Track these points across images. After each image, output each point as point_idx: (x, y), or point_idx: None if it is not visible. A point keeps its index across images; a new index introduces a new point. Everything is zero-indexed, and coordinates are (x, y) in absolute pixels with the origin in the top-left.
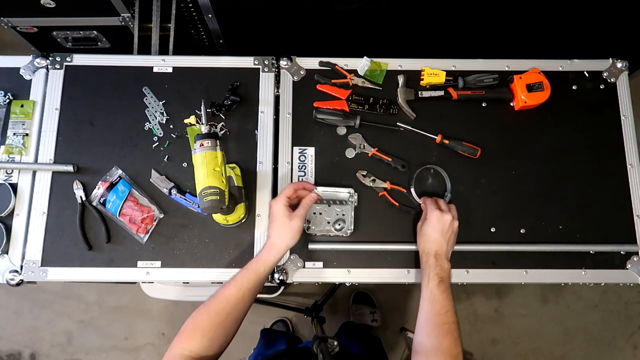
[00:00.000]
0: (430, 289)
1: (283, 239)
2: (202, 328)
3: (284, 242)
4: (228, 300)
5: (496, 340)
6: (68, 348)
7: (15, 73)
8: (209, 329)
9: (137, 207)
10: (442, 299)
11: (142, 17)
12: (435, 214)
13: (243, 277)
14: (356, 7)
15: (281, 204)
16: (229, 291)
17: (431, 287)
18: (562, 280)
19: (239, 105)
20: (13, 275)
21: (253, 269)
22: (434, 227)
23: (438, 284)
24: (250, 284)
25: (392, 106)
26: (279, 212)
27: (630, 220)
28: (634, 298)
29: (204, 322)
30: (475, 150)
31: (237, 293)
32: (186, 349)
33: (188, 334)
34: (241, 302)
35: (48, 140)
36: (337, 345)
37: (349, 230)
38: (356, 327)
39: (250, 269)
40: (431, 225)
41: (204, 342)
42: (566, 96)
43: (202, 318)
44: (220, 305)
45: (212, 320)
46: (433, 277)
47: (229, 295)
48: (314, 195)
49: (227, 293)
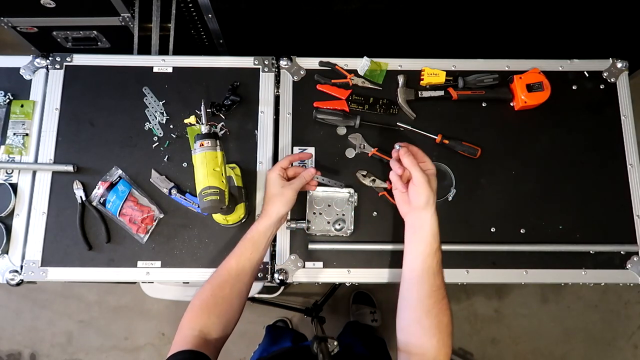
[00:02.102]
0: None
1: (273, 205)
2: (208, 304)
3: (274, 208)
4: (229, 272)
5: (496, 340)
6: (68, 348)
7: (15, 73)
8: (214, 304)
9: (137, 207)
10: (441, 270)
11: (142, 17)
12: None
13: (240, 247)
14: (356, 7)
15: (275, 173)
16: (229, 264)
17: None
18: (562, 280)
19: (239, 105)
20: (13, 275)
21: (249, 238)
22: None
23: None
24: (248, 253)
25: (392, 106)
26: (272, 181)
27: (630, 220)
28: (634, 298)
29: (209, 299)
30: (475, 150)
31: (236, 264)
32: (195, 328)
33: (195, 313)
34: (242, 273)
35: (48, 140)
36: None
37: (349, 230)
38: (361, 327)
39: (246, 239)
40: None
41: (211, 318)
42: (566, 96)
43: (206, 294)
44: (222, 278)
45: (216, 295)
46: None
47: (230, 268)
48: (312, 170)
49: (227, 266)
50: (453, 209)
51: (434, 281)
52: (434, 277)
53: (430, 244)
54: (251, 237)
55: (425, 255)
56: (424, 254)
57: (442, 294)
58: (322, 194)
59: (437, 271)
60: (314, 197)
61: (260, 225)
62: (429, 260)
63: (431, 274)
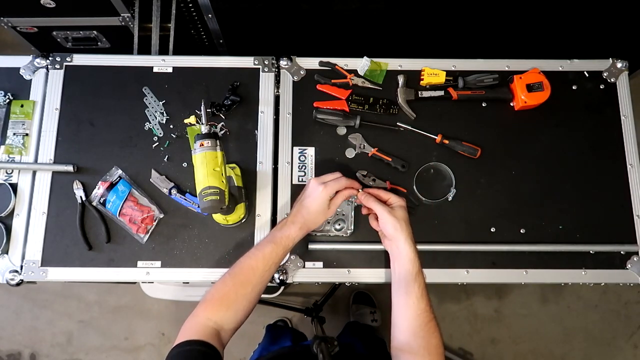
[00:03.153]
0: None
1: (315, 222)
2: (229, 299)
3: (314, 226)
4: (255, 272)
5: (496, 340)
6: (68, 348)
7: (15, 73)
8: (235, 300)
9: (137, 207)
10: (425, 293)
11: (142, 17)
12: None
13: (272, 251)
14: (356, 7)
15: (328, 194)
16: (256, 263)
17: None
18: (562, 280)
19: (239, 105)
20: (13, 275)
21: (283, 245)
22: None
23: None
24: (277, 258)
25: (392, 106)
26: (322, 198)
27: (630, 220)
28: (634, 298)
29: (230, 294)
30: (475, 150)
31: (264, 266)
32: (211, 319)
33: (214, 305)
34: (266, 274)
35: (48, 140)
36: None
37: (349, 230)
38: (361, 327)
39: (279, 244)
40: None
41: (229, 313)
42: (566, 96)
43: (229, 289)
44: (247, 277)
45: (238, 292)
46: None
47: (256, 268)
48: (354, 192)
49: (254, 265)
50: (453, 209)
51: (419, 305)
52: (418, 301)
53: (408, 270)
54: (285, 245)
55: (407, 280)
56: (406, 279)
57: (428, 316)
58: None
59: (421, 295)
60: None
61: (296, 236)
62: (411, 285)
63: (415, 298)
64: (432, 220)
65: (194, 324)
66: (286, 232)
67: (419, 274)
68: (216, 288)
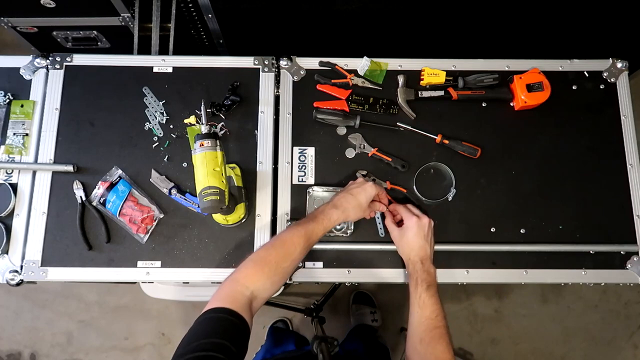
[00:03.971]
0: (419, 294)
1: (354, 213)
2: (270, 269)
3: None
4: (296, 248)
5: (496, 340)
6: (68, 348)
7: (15, 73)
8: (275, 271)
9: (137, 207)
10: (431, 303)
11: (142, 17)
12: (414, 221)
13: (314, 229)
14: (356, 7)
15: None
16: (298, 240)
17: (420, 292)
18: (562, 280)
19: (239, 105)
20: (13, 275)
21: (324, 225)
22: (416, 234)
23: (427, 288)
24: (316, 237)
25: (392, 106)
26: (368, 195)
27: (630, 220)
28: (634, 298)
29: (272, 264)
30: (475, 150)
31: (305, 243)
32: (249, 288)
33: (255, 270)
34: (304, 252)
35: (48, 140)
36: (337, 345)
37: (349, 230)
38: (364, 331)
39: (321, 224)
40: (413, 232)
41: (267, 283)
42: (566, 96)
43: (272, 258)
44: (288, 250)
45: (279, 264)
46: (421, 282)
47: (298, 244)
48: (383, 207)
49: (296, 241)
50: (453, 209)
51: (423, 312)
52: (421, 309)
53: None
54: (326, 226)
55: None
56: (411, 287)
57: (432, 324)
58: (323, 193)
59: (423, 303)
60: (314, 196)
61: (337, 219)
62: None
63: (417, 307)
64: (432, 220)
65: (231, 291)
66: (328, 214)
67: (422, 283)
68: (260, 255)
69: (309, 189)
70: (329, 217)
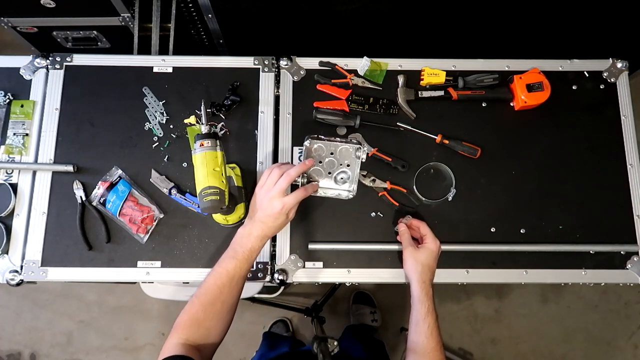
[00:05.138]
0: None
1: (276, 231)
2: (198, 320)
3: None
4: (222, 290)
5: (496, 340)
6: (68, 348)
7: (15, 73)
8: (204, 319)
9: (137, 207)
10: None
11: (142, 17)
12: (438, 244)
13: (236, 267)
14: (356, 7)
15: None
16: (221, 282)
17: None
18: (562, 280)
19: (239, 105)
20: (13, 275)
21: (246, 259)
22: (435, 257)
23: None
24: (243, 272)
25: (392, 106)
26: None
27: (630, 220)
28: (634, 298)
29: (199, 314)
30: (475, 150)
31: (229, 282)
32: (183, 338)
33: (184, 327)
34: (234, 289)
35: (48, 140)
36: (337, 345)
37: (352, 190)
38: (360, 330)
39: (242, 259)
40: (434, 255)
41: (201, 331)
42: (566, 96)
43: (197, 310)
44: (214, 295)
45: (207, 312)
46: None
47: (222, 285)
48: (315, 185)
49: (219, 283)
50: (453, 209)
51: (428, 343)
52: (427, 340)
53: (418, 310)
54: (248, 258)
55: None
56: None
57: (436, 356)
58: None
59: (430, 334)
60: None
61: (258, 247)
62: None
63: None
64: (432, 220)
65: (170, 346)
66: (247, 245)
67: (428, 314)
68: (184, 311)
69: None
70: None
